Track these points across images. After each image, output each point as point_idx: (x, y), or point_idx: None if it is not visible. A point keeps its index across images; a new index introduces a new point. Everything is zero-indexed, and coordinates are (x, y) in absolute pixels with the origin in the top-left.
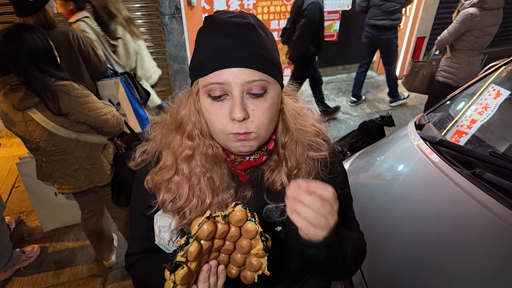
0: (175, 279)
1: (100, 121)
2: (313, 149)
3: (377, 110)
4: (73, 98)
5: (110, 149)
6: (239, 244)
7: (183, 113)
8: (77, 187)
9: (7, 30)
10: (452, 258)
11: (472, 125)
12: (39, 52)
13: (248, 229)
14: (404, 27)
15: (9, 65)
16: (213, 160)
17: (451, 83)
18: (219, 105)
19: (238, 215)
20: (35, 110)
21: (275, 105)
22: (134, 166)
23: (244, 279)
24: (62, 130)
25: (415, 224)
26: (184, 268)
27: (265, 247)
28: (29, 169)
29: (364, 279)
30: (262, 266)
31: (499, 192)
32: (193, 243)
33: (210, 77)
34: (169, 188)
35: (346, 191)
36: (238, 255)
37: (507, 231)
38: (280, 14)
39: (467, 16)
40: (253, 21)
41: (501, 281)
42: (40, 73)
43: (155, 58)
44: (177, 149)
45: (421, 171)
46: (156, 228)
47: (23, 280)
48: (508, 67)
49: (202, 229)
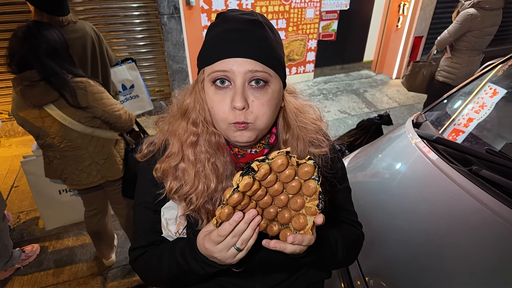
0: (239, 183)
1: (114, 116)
2: (314, 146)
3: (376, 109)
4: (90, 94)
5: (121, 144)
6: (294, 199)
7: (188, 101)
8: (90, 183)
9: (27, 27)
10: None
11: (469, 124)
12: (58, 48)
13: (310, 186)
14: (401, 27)
15: (30, 61)
16: (216, 147)
17: (451, 82)
18: (222, 93)
19: (307, 169)
20: (53, 106)
21: (275, 99)
22: (141, 157)
23: (284, 237)
24: (78, 126)
25: (412, 220)
26: (251, 179)
27: (320, 205)
28: (33, 167)
29: (362, 274)
30: (306, 227)
31: (495, 189)
32: (265, 165)
33: (215, 66)
34: (176, 175)
35: (346, 184)
36: (286, 214)
37: (503, 226)
38: (278, 13)
39: (467, 16)
40: (261, 19)
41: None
42: (59, 69)
43: (153, 57)
44: (182, 135)
45: (418, 169)
46: (164, 220)
47: (23, 279)
48: (505, 66)
49: (276, 159)
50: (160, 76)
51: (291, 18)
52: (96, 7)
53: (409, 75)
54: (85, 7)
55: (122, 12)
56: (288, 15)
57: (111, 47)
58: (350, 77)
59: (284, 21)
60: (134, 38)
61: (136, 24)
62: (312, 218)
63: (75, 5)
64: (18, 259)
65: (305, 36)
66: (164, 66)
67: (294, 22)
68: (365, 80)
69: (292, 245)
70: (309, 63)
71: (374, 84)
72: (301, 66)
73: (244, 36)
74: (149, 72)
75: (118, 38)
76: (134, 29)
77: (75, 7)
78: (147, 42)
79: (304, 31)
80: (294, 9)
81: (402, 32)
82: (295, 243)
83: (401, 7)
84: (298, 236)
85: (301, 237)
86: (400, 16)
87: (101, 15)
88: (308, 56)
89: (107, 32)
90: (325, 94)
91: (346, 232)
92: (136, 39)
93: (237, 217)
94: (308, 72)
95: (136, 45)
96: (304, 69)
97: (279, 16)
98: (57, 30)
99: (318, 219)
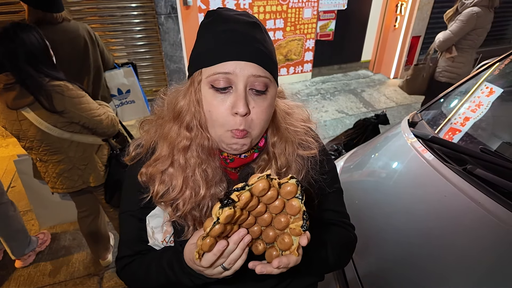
0: (220, 216)
1: (94, 121)
2: (303, 148)
3: (373, 109)
4: (67, 99)
5: (104, 150)
6: (278, 218)
7: (182, 103)
8: (71, 187)
9: (4, 29)
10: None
11: (465, 123)
12: (35, 51)
13: (293, 205)
14: (399, 27)
15: (5, 64)
16: (208, 152)
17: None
18: (222, 97)
19: (289, 188)
20: (29, 109)
21: (272, 106)
22: (129, 160)
23: (269, 257)
24: (55, 130)
25: (408, 220)
26: (232, 210)
27: (305, 226)
28: (26, 167)
29: (358, 275)
30: (292, 247)
31: (490, 188)
32: (246, 192)
33: (216, 67)
34: (163, 179)
35: (337, 186)
36: (271, 232)
37: (497, 225)
38: (276, 13)
39: (473, 15)
40: (258, 22)
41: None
42: (35, 72)
43: (151, 57)
44: (174, 140)
45: (414, 168)
46: (149, 229)
47: (20, 280)
48: (501, 65)
49: (257, 184)
50: (157, 76)
51: (288, 18)
52: (93, 7)
53: (410, 79)
54: (82, 7)
55: (119, 12)
56: (285, 15)
57: (108, 47)
58: (347, 77)
59: (282, 21)
60: (131, 38)
61: (133, 24)
62: (297, 238)
63: (72, 5)
64: (37, 243)
65: (302, 36)
66: (162, 66)
67: (291, 22)
68: (362, 80)
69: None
70: (307, 63)
71: (372, 84)
72: (299, 66)
73: (246, 39)
74: (146, 72)
75: (115, 38)
76: (131, 29)
77: (71, 7)
78: (145, 42)
79: (302, 31)
80: (291, 8)
81: (400, 32)
82: (281, 267)
83: (399, 7)
84: (284, 260)
85: (286, 260)
86: (397, 16)
87: (98, 15)
88: (306, 56)
89: (104, 32)
90: (322, 94)
91: (336, 236)
92: (134, 39)
93: (221, 246)
94: (306, 72)
95: (133, 45)
96: (302, 69)
97: (277, 16)
98: (36, 32)
99: (303, 241)
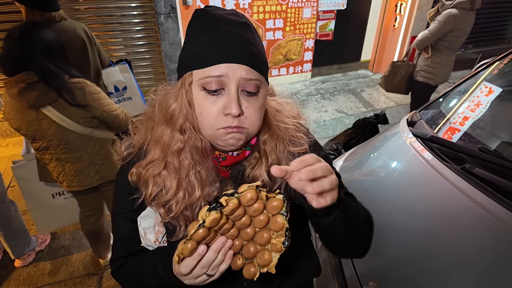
0: (206, 219)
1: (112, 116)
2: (294, 144)
3: (373, 109)
4: (88, 94)
5: (118, 143)
6: (261, 233)
7: (174, 106)
8: (89, 183)
9: (23, 27)
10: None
11: (464, 122)
12: (54, 49)
13: (277, 221)
14: (398, 27)
15: (26, 62)
16: (201, 153)
17: (431, 82)
18: (213, 99)
19: (275, 203)
20: (50, 107)
21: (264, 105)
22: (121, 160)
23: (247, 273)
24: (77, 127)
25: (407, 219)
26: (218, 214)
27: (286, 243)
28: (24, 172)
29: (356, 273)
30: (270, 264)
31: (488, 187)
32: (234, 199)
33: (209, 70)
34: (155, 181)
35: None
36: (252, 248)
37: (495, 224)
38: (275, 13)
39: (450, 16)
40: (248, 21)
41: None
42: (56, 69)
43: (150, 57)
44: (168, 143)
45: (413, 167)
46: (141, 230)
47: (19, 279)
48: (500, 65)
49: (246, 193)
50: (157, 76)
51: (288, 17)
52: (93, 7)
53: (388, 76)
54: (81, 6)
55: (118, 12)
56: (285, 14)
57: (108, 47)
58: (347, 77)
59: (281, 20)
60: (131, 38)
61: (133, 24)
62: (277, 255)
63: (71, 4)
64: (37, 242)
65: (302, 36)
66: (161, 66)
67: (291, 21)
68: (362, 79)
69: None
70: (307, 62)
71: (371, 83)
72: (299, 66)
73: (237, 41)
74: (146, 72)
75: (115, 38)
76: (131, 29)
77: (71, 7)
78: (144, 42)
79: (302, 30)
80: (291, 8)
81: (399, 32)
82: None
83: (398, 6)
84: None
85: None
86: (397, 16)
87: (98, 14)
88: (305, 56)
89: (104, 32)
90: (322, 94)
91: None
92: (133, 39)
93: (201, 251)
94: (305, 72)
95: (133, 44)
96: (301, 68)
97: (276, 16)
98: (52, 30)
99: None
